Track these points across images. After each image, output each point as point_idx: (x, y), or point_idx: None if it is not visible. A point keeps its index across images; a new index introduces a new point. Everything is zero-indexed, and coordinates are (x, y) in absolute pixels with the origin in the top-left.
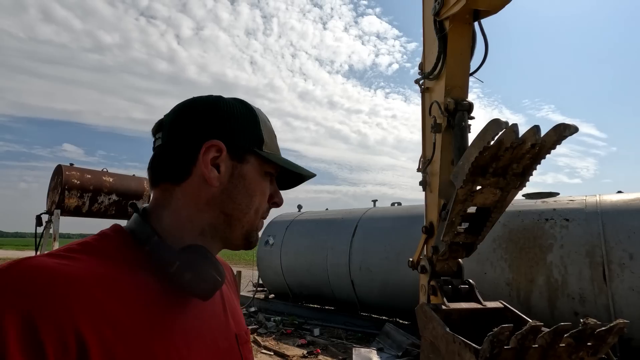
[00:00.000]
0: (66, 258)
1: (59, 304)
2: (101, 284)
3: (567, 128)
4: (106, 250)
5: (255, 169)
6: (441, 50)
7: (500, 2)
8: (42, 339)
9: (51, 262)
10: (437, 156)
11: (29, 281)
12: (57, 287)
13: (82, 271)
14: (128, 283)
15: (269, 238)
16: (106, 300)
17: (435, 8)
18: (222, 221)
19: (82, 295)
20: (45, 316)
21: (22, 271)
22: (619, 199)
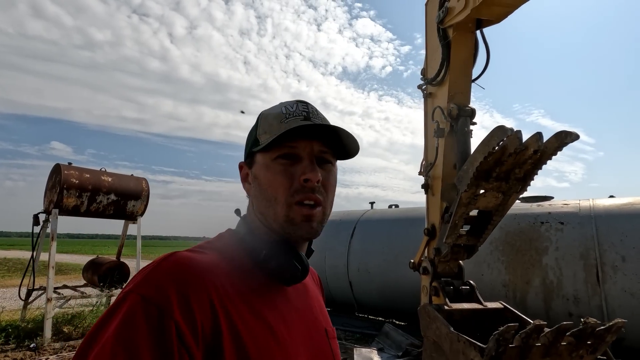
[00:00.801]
0: (198, 252)
1: (197, 280)
2: (220, 270)
3: (569, 135)
4: (222, 246)
5: (263, 164)
6: (445, 57)
7: (503, 12)
8: (192, 304)
9: (190, 254)
10: (440, 160)
11: (179, 267)
12: (196, 270)
13: (209, 260)
14: (237, 268)
15: None
16: (224, 279)
17: (439, 16)
18: (265, 221)
19: (211, 277)
20: (192, 290)
21: (173, 261)
22: (611, 203)
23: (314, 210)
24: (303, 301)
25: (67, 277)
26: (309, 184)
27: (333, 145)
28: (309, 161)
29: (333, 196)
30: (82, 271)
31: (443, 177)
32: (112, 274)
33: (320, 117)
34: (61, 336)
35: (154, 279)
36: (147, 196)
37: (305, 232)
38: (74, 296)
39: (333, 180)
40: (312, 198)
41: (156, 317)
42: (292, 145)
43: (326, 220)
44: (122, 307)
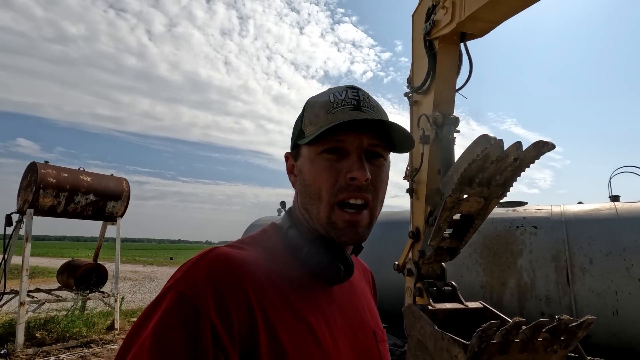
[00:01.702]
0: (239, 248)
1: (235, 279)
2: (260, 267)
3: (545, 145)
4: (264, 242)
5: (307, 158)
6: (431, 67)
7: (486, 27)
8: (229, 304)
9: (229, 250)
10: (425, 166)
11: (217, 264)
12: (234, 268)
13: (248, 257)
14: (278, 266)
15: None
16: (263, 277)
17: (426, 28)
18: (309, 217)
19: (249, 275)
20: (229, 289)
21: (212, 257)
22: (580, 209)
23: (360, 215)
24: (349, 301)
25: (36, 281)
26: (356, 182)
27: (385, 137)
28: (356, 157)
29: (384, 195)
30: (56, 274)
31: (428, 182)
32: (89, 277)
33: (373, 104)
34: (34, 341)
35: (192, 276)
36: (128, 197)
37: (349, 239)
38: (49, 300)
39: (384, 177)
40: (358, 196)
41: (192, 316)
42: (339, 138)
43: (374, 223)
44: (162, 304)
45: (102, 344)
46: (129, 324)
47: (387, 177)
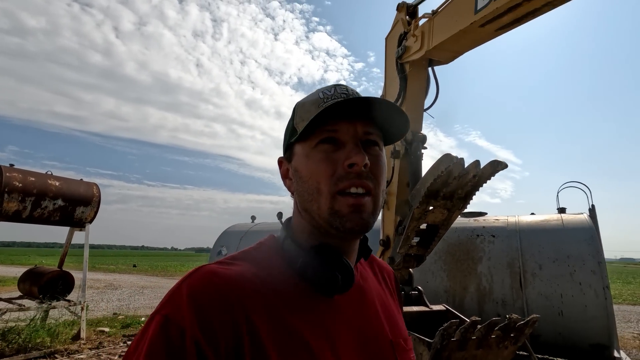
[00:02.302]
0: (227, 264)
1: (220, 297)
2: (249, 283)
3: (500, 164)
4: (258, 256)
5: (302, 154)
6: (402, 88)
7: (450, 56)
8: (214, 324)
9: (216, 268)
10: (395, 179)
11: (202, 284)
12: (219, 285)
13: (236, 273)
14: (271, 279)
15: (222, 249)
16: (251, 293)
17: (398, 52)
18: (310, 218)
19: (237, 292)
20: (213, 309)
21: (196, 277)
22: (531, 219)
23: (363, 199)
24: (359, 311)
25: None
26: (355, 168)
27: (379, 126)
28: (353, 144)
29: (384, 184)
30: (17, 282)
31: (397, 194)
32: (55, 285)
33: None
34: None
35: (177, 298)
36: (98, 202)
37: (354, 224)
38: (10, 309)
39: (382, 165)
40: (358, 184)
41: (179, 338)
42: (333, 128)
43: (378, 212)
44: (149, 329)
45: (67, 354)
46: (94, 334)
47: (384, 166)
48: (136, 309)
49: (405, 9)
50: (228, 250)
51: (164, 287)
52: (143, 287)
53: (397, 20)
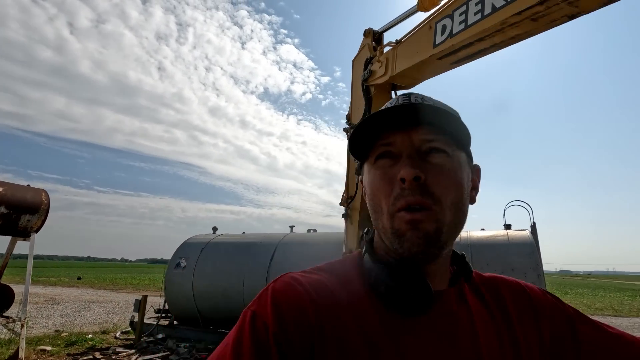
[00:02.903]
0: (309, 273)
1: (295, 299)
2: (325, 290)
3: None
4: (340, 268)
5: (366, 171)
6: (367, 109)
7: (412, 82)
8: (286, 318)
9: (298, 275)
10: (359, 195)
11: (281, 285)
12: (295, 289)
13: (314, 281)
14: (346, 293)
15: (181, 261)
16: (326, 301)
17: (364, 76)
18: (381, 236)
19: (311, 296)
20: (287, 306)
21: (279, 280)
22: (481, 234)
23: (421, 213)
24: (442, 338)
25: None
26: (406, 184)
27: (446, 130)
28: (405, 156)
29: (456, 197)
30: None
31: (361, 209)
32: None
33: (427, 102)
34: None
35: (263, 298)
36: (47, 210)
37: (412, 244)
38: None
39: (448, 174)
40: (411, 201)
41: (263, 331)
42: (387, 141)
43: (444, 231)
44: (240, 322)
45: None
46: (34, 353)
47: (454, 174)
48: (82, 325)
49: (372, 35)
50: (187, 262)
51: (113, 301)
52: (89, 302)
53: (364, 44)
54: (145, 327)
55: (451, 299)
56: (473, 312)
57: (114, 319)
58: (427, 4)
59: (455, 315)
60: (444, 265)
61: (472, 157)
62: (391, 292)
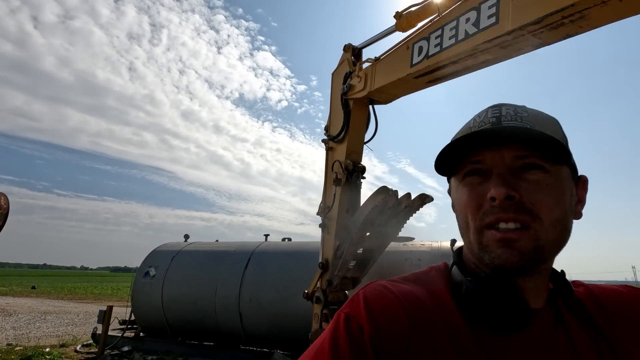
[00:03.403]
0: (397, 282)
1: (387, 305)
2: (414, 299)
3: (427, 197)
4: (426, 279)
5: (454, 187)
6: (345, 122)
7: (389, 98)
8: (381, 321)
9: (387, 283)
10: (336, 205)
11: (371, 292)
12: (388, 297)
13: (404, 290)
14: (433, 304)
15: (150, 269)
16: (415, 310)
17: (343, 89)
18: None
19: (401, 303)
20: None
21: (369, 287)
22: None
23: (515, 233)
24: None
25: None
26: (497, 202)
27: (541, 144)
28: (496, 175)
29: (556, 215)
30: None
31: (338, 219)
32: None
33: (520, 116)
34: None
35: (356, 301)
36: (6, 215)
37: (504, 261)
38: None
39: (547, 191)
40: (506, 218)
41: (358, 331)
42: (477, 159)
43: (544, 248)
44: (334, 323)
45: None
46: None
47: (555, 191)
48: (38, 338)
49: (352, 50)
50: (157, 271)
51: (71, 312)
52: (45, 313)
53: (343, 59)
54: (109, 339)
55: (547, 318)
56: (572, 334)
57: (74, 331)
58: (404, 25)
59: (552, 336)
60: (541, 282)
61: (576, 169)
62: (485, 307)
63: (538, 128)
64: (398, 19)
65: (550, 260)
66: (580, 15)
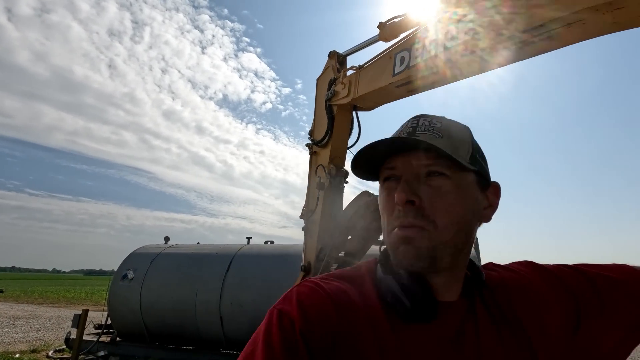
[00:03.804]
0: (329, 279)
1: (319, 303)
2: (336, 296)
3: None
4: (357, 277)
5: (380, 191)
6: (329, 127)
7: (372, 105)
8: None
9: (319, 281)
10: (319, 209)
11: (304, 289)
12: (320, 294)
13: (334, 288)
14: (361, 300)
15: (128, 272)
16: (344, 306)
17: (328, 95)
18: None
19: (332, 301)
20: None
21: (305, 285)
22: None
23: (413, 231)
24: (455, 349)
25: None
26: (400, 206)
27: (446, 153)
28: (403, 180)
29: (452, 218)
30: None
31: (320, 223)
32: None
33: (434, 126)
34: None
35: (289, 298)
36: None
37: (403, 258)
38: None
39: (445, 197)
40: (403, 223)
41: (290, 327)
42: (390, 165)
43: (441, 247)
44: (267, 319)
45: None
46: None
47: (453, 196)
48: (7, 343)
49: (336, 57)
50: (136, 274)
51: (43, 316)
52: (14, 317)
53: (328, 65)
54: (83, 344)
55: (459, 310)
56: (479, 324)
57: (45, 336)
58: (387, 36)
59: (460, 327)
60: (452, 278)
61: (486, 175)
62: (398, 302)
63: (446, 139)
64: (382, 29)
65: (450, 260)
66: (549, 35)
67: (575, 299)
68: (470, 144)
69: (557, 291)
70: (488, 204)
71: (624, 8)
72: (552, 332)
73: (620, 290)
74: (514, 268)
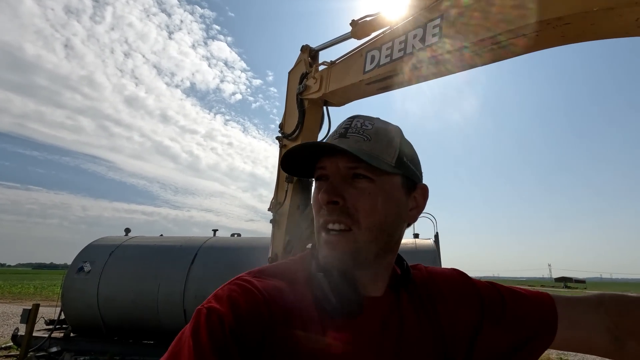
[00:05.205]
0: (262, 276)
1: (251, 300)
2: (267, 292)
3: None
4: (290, 272)
5: (314, 189)
6: (300, 120)
7: (342, 102)
8: (243, 314)
9: (251, 278)
10: (288, 201)
11: (239, 287)
12: (252, 291)
13: (265, 284)
14: (292, 296)
15: (85, 265)
16: (274, 304)
17: (299, 89)
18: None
19: (263, 297)
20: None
21: (237, 282)
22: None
23: (338, 237)
24: (378, 342)
25: None
26: (324, 206)
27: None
28: (329, 182)
29: (375, 220)
30: None
31: (289, 215)
32: None
33: (364, 129)
34: None
35: (219, 296)
36: None
37: (327, 261)
38: None
39: (368, 199)
40: (332, 220)
41: (218, 324)
42: (321, 165)
43: (365, 248)
44: (195, 317)
45: None
46: None
47: (377, 198)
48: None
49: (308, 52)
50: (93, 266)
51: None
52: None
53: (300, 59)
54: (33, 340)
55: (384, 305)
56: (403, 317)
57: None
58: (359, 34)
59: (385, 320)
60: (378, 275)
61: (414, 178)
62: (326, 300)
63: (373, 142)
64: (354, 27)
65: (375, 259)
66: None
67: (482, 302)
68: (397, 147)
69: (471, 293)
70: (414, 205)
71: (571, 24)
72: (462, 328)
73: (523, 309)
74: (440, 270)
